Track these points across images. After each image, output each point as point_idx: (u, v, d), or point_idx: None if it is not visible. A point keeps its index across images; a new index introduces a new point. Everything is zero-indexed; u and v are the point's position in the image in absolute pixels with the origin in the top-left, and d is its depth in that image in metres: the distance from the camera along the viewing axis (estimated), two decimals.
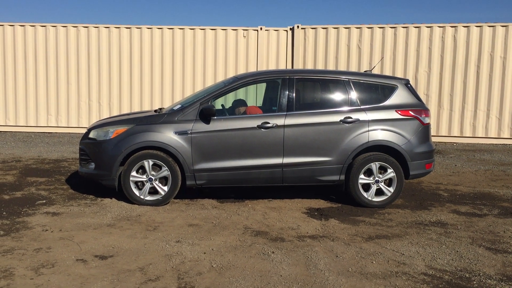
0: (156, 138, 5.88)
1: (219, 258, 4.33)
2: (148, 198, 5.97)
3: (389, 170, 6.08)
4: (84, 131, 6.72)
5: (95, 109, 12.73)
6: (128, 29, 12.62)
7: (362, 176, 6.07)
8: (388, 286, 3.82)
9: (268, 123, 5.96)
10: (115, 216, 5.52)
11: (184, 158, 5.88)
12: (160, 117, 6.05)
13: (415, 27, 12.05)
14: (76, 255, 4.33)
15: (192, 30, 12.60)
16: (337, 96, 6.28)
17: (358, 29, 12.25)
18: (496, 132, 11.92)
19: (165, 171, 5.91)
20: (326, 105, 6.29)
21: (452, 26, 11.91)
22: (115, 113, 12.57)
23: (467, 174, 8.33)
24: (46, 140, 11.50)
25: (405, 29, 12.08)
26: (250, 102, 8.33)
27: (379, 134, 6.07)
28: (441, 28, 11.95)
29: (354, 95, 6.21)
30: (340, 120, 6.05)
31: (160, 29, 12.60)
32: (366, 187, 6.12)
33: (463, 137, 12.05)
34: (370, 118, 6.09)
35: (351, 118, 6.06)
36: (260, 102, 6.63)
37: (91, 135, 6.20)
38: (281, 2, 42.01)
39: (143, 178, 5.94)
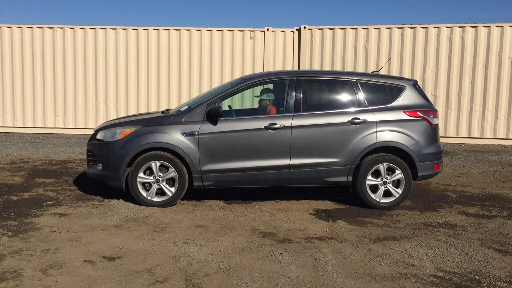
0: (163, 139, 5.88)
1: (227, 259, 4.32)
2: (155, 199, 5.98)
3: (397, 171, 6.04)
4: (91, 132, 6.74)
5: (102, 110, 12.77)
6: (135, 30, 12.65)
7: (369, 177, 6.04)
8: None
9: (275, 124, 5.95)
10: (123, 217, 5.53)
11: (191, 159, 5.88)
12: (167, 118, 6.05)
13: (423, 27, 11.99)
14: (84, 256, 4.34)
15: (198, 31, 12.61)
16: (344, 97, 6.26)
17: (365, 29, 12.21)
18: (504, 133, 11.83)
19: (172, 172, 5.91)
20: (333, 106, 6.26)
21: (459, 27, 11.84)
22: (122, 114, 12.60)
23: (475, 175, 8.27)
24: (53, 141, 11.56)
25: (412, 29, 12.02)
26: (257, 104, 8.29)
27: (387, 135, 6.04)
28: (449, 29, 11.89)
29: (361, 96, 6.18)
30: (348, 121, 6.03)
31: (167, 31, 12.62)
32: (374, 188, 6.09)
33: (471, 138, 11.96)
34: (378, 119, 6.05)
35: (358, 119, 6.03)
36: None
37: (99, 136, 6.22)
38: (288, 3, 41.99)
39: (150, 179, 5.94)
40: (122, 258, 4.31)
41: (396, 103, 6.21)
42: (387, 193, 6.09)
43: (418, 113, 6.16)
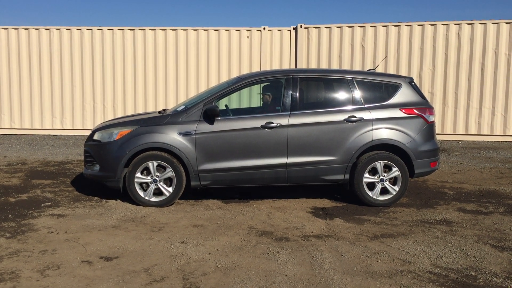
0: (160, 139, 5.89)
1: (224, 258, 4.33)
2: (153, 199, 5.99)
3: (394, 169, 6.06)
4: (88, 133, 6.74)
5: (99, 111, 12.77)
6: (132, 30, 12.65)
7: (366, 175, 6.05)
8: (393, 285, 3.81)
9: (272, 123, 5.96)
10: (120, 218, 5.54)
11: (188, 159, 5.88)
12: (164, 118, 6.06)
13: (419, 25, 12.01)
14: (82, 256, 4.35)
15: (195, 31, 12.62)
16: (341, 95, 6.27)
17: (362, 28, 12.23)
18: (501, 129, 11.86)
19: (169, 172, 5.92)
20: (330, 105, 6.27)
21: (456, 24, 11.86)
22: (119, 114, 12.61)
23: (472, 172, 8.29)
24: (51, 143, 11.55)
25: (408, 27, 12.04)
26: (254, 103, 8.32)
27: (384, 132, 6.06)
28: (445, 26, 11.91)
29: (358, 94, 6.19)
30: (344, 119, 6.04)
31: (164, 31, 12.62)
32: (371, 186, 6.10)
33: (468, 134, 11.99)
34: (374, 117, 6.07)
35: (355, 117, 6.05)
36: None
37: (96, 137, 6.22)
38: (284, 2, 42.00)
39: (148, 179, 5.95)
40: (120, 258, 4.32)
41: (392, 100, 6.23)
42: (384, 191, 6.11)
43: (414, 110, 6.18)
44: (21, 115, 12.80)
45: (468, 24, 11.81)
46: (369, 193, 6.07)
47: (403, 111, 6.15)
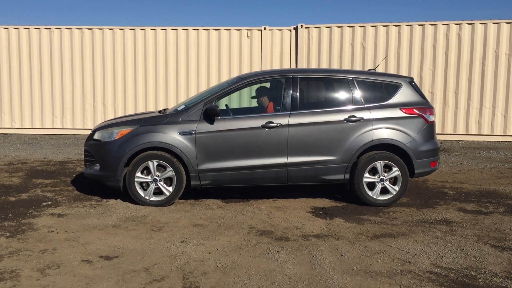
0: (160, 139, 5.89)
1: (224, 257, 4.34)
2: (153, 198, 5.99)
3: (394, 169, 6.06)
4: (89, 132, 6.75)
5: (100, 111, 12.78)
6: (132, 30, 12.65)
7: (367, 174, 6.05)
8: (393, 284, 3.81)
9: (272, 122, 5.96)
10: (120, 217, 5.54)
11: (188, 159, 5.89)
12: (164, 118, 6.06)
13: (419, 25, 12.00)
14: (82, 256, 4.35)
15: (195, 30, 12.62)
16: (341, 95, 6.27)
17: (362, 27, 12.23)
18: (501, 129, 11.85)
19: (169, 172, 5.92)
20: (330, 104, 6.28)
21: (456, 24, 11.86)
22: (120, 114, 12.61)
23: (472, 172, 8.29)
24: (51, 142, 11.56)
25: (409, 27, 12.03)
26: (254, 102, 8.32)
27: (384, 132, 6.06)
28: (446, 26, 11.90)
29: (358, 93, 6.19)
30: (344, 119, 6.04)
31: (164, 30, 12.63)
32: (371, 185, 6.10)
33: (469, 134, 11.98)
34: (375, 117, 6.07)
35: (355, 116, 6.05)
36: None
37: (96, 136, 6.22)
38: (285, 1, 42.01)
39: (148, 178, 5.95)
40: (120, 257, 4.33)
41: (392, 100, 6.23)
42: (384, 191, 6.11)
43: (415, 110, 6.18)
44: (21, 114, 12.80)
45: (468, 24, 11.81)
46: (369, 193, 6.07)
47: (403, 111, 6.15)
